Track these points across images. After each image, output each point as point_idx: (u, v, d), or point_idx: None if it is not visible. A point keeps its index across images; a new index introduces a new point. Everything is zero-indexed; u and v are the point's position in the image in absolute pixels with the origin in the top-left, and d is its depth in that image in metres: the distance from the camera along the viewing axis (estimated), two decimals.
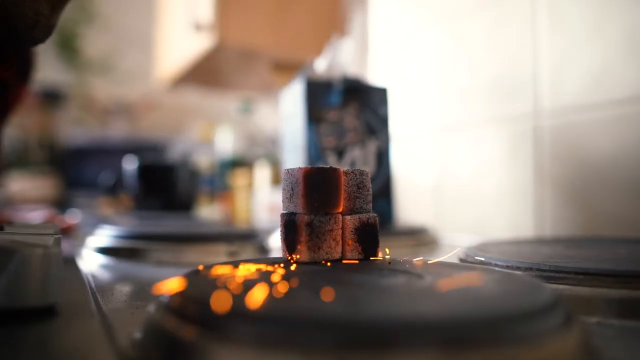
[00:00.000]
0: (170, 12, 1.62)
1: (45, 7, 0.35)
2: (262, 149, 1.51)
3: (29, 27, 0.34)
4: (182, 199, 0.99)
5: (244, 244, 0.53)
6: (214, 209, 1.32)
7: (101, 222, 0.80)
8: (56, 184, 1.86)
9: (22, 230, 0.36)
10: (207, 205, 1.34)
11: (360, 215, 0.32)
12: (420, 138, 0.90)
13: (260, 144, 1.53)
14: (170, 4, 1.62)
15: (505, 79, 0.75)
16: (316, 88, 0.62)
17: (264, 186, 1.17)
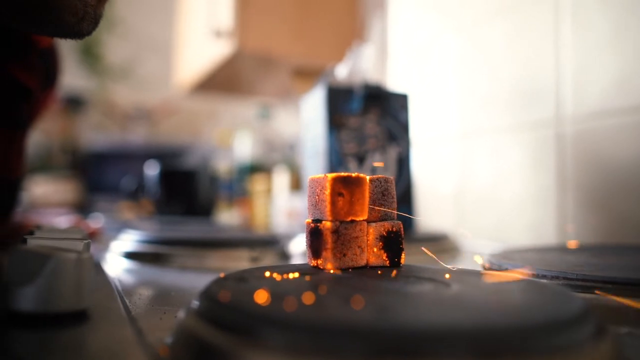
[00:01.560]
0: (190, 19, 1.64)
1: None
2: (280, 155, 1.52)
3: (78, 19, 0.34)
4: (202, 204, 1.00)
5: (266, 250, 0.53)
6: (233, 214, 1.33)
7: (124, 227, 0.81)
8: (78, 187, 1.89)
9: (51, 235, 0.37)
10: (225, 210, 1.35)
11: (384, 223, 0.32)
12: (441, 144, 0.90)
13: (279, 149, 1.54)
14: (190, 11, 1.64)
15: (527, 85, 0.75)
16: (337, 94, 0.63)
17: (283, 192, 1.17)
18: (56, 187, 1.85)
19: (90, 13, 0.35)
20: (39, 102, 0.57)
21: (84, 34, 0.36)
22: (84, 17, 0.34)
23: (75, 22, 0.34)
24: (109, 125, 2.29)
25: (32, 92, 0.52)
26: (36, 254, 0.25)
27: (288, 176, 1.19)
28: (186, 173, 1.00)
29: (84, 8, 0.34)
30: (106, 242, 0.61)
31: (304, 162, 0.70)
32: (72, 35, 0.35)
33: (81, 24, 0.34)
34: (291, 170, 1.22)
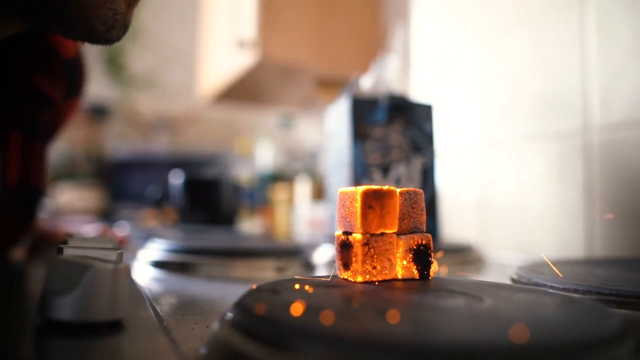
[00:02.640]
0: (213, 29, 1.66)
1: (122, 5, 0.36)
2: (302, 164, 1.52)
3: (108, 27, 0.35)
4: (225, 213, 1.01)
5: (291, 260, 0.53)
6: (255, 223, 1.34)
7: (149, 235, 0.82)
8: (101, 195, 1.92)
9: (84, 244, 0.37)
10: (247, 219, 1.36)
11: (414, 235, 0.32)
12: (464, 154, 0.89)
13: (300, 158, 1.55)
14: (214, 22, 1.66)
15: (552, 94, 0.74)
16: (362, 105, 0.63)
17: (305, 201, 1.18)
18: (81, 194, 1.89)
19: (120, 21, 0.36)
20: (61, 112, 0.58)
21: (113, 41, 0.37)
22: (114, 25, 0.35)
23: (106, 30, 0.35)
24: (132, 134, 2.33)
25: (54, 101, 0.53)
26: (75, 264, 0.26)
27: (310, 185, 1.19)
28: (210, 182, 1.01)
29: (114, 16, 0.35)
30: (133, 251, 0.62)
31: (328, 172, 0.71)
32: (102, 42, 0.36)
33: (111, 32, 0.35)
34: (313, 180, 1.22)
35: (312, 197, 1.19)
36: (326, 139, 0.72)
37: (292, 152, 1.55)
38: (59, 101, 0.54)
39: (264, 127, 2.14)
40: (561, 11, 0.72)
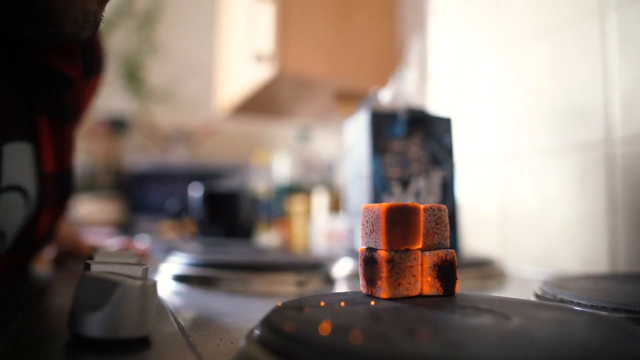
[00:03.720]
0: (231, 43, 1.68)
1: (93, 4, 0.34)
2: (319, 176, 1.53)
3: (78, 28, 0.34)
4: (243, 225, 1.02)
5: (311, 274, 0.53)
6: (272, 235, 1.34)
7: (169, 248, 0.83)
8: (120, 207, 1.95)
9: (109, 259, 0.38)
10: (265, 231, 1.37)
11: (438, 251, 0.32)
12: (484, 166, 0.89)
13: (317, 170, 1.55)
14: (231, 35, 1.68)
15: (573, 106, 0.73)
16: (381, 119, 0.63)
17: (322, 213, 1.18)
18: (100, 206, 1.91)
19: (90, 21, 0.34)
20: (83, 91, 0.57)
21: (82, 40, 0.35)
22: (84, 26, 0.34)
23: (75, 31, 0.34)
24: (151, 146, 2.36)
25: (74, 79, 0.52)
26: (104, 281, 0.26)
27: (327, 197, 1.19)
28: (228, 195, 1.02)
29: (85, 16, 0.33)
30: (154, 264, 0.63)
31: (347, 185, 0.71)
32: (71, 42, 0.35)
33: (81, 33, 0.34)
34: (330, 192, 1.23)
35: (329, 209, 1.19)
36: (345, 152, 0.72)
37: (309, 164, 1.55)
38: (78, 80, 0.53)
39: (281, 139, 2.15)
40: (582, 23, 0.72)
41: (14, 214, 0.48)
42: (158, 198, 2.12)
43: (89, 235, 1.02)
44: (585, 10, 0.71)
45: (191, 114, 2.35)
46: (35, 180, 0.50)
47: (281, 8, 1.25)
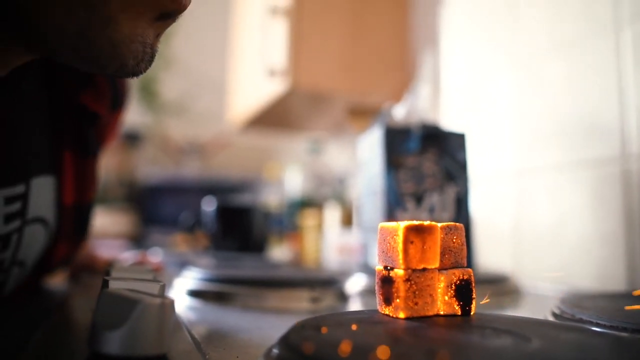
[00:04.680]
0: (244, 58, 1.70)
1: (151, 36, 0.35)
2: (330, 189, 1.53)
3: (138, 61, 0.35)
4: (256, 240, 1.02)
5: (325, 290, 0.53)
6: (284, 249, 1.34)
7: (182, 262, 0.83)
8: (133, 219, 1.96)
9: (126, 275, 0.38)
10: (276, 245, 1.37)
11: (455, 270, 0.32)
12: (498, 182, 0.88)
13: (329, 184, 1.55)
14: (244, 50, 1.70)
15: (588, 122, 0.73)
16: (395, 134, 0.63)
17: (334, 227, 1.18)
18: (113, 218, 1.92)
19: (148, 53, 0.35)
20: (108, 125, 0.59)
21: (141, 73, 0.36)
22: (143, 58, 0.35)
23: (136, 64, 0.35)
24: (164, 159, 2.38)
25: (101, 116, 0.54)
26: (124, 299, 0.26)
27: (339, 211, 1.19)
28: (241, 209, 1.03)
29: (144, 49, 0.34)
30: (168, 279, 0.63)
31: (360, 200, 0.71)
32: (131, 75, 0.36)
33: (140, 65, 0.35)
34: (342, 206, 1.22)
35: (341, 223, 1.19)
36: (358, 167, 0.72)
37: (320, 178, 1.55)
38: (105, 116, 0.55)
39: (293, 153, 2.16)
40: (597, 38, 0.72)
41: (36, 245, 0.50)
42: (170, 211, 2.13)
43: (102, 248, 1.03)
44: (600, 26, 0.71)
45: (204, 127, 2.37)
46: (55, 211, 0.51)
47: (294, 23, 1.26)
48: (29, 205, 0.46)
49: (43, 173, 0.49)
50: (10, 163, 0.44)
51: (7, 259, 0.46)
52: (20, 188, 0.45)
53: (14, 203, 0.45)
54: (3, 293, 0.49)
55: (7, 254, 0.45)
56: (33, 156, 0.47)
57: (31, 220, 0.47)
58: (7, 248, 0.45)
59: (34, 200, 0.47)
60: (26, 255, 0.49)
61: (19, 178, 0.45)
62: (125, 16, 0.32)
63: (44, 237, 0.51)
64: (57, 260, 0.56)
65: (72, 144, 0.52)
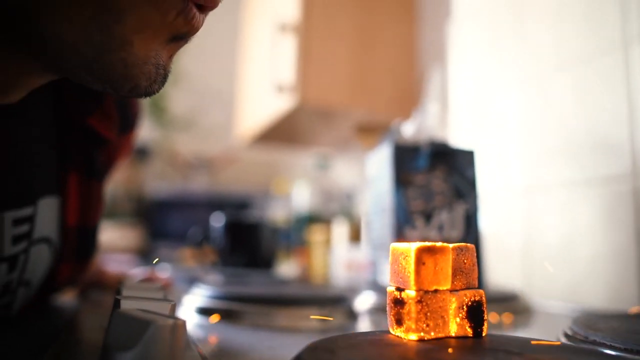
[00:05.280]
0: (252, 74, 1.71)
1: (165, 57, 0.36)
2: (338, 205, 1.53)
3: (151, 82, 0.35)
4: (264, 256, 1.02)
5: (334, 308, 0.53)
6: (291, 265, 1.34)
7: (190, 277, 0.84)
8: (141, 234, 1.97)
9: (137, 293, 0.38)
10: (284, 260, 1.36)
11: (467, 292, 0.32)
12: (506, 198, 0.88)
13: (336, 199, 1.55)
14: (253, 66, 1.72)
15: (598, 139, 0.73)
16: (403, 152, 0.63)
17: (342, 243, 1.17)
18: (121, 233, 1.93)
19: (161, 74, 0.36)
20: (116, 149, 0.60)
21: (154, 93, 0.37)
22: (156, 79, 0.35)
23: (148, 85, 0.35)
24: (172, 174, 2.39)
25: (109, 140, 0.54)
26: (136, 320, 0.26)
27: (347, 227, 1.19)
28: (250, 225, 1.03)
29: (157, 71, 0.35)
30: (177, 295, 0.63)
31: (369, 217, 0.71)
32: (144, 95, 0.36)
33: (153, 86, 0.35)
34: (350, 221, 1.22)
35: (349, 239, 1.19)
36: (367, 184, 0.72)
37: (328, 193, 1.55)
38: (113, 139, 0.55)
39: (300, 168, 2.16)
40: (605, 55, 0.72)
41: (41, 264, 0.50)
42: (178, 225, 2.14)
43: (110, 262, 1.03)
44: (608, 42, 0.72)
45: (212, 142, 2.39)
46: (58, 231, 0.52)
47: (303, 39, 1.27)
48: (36, 225, 0.47)
49: (49, 194, 0.49)
50: (19, 185, 0.45)
51: (15, 280, 0.46)
52: (29, 210, 0.46)
53: (23, 225, 0.45)
54: (10, 314, 0.49)
55: (14, 275, 0.46)
56: (40, 177, 0.48)
57: (37, 241, 0.48)
58: (14, 269, 0.45)
59: (40, 220, 0.48)
60: (32, 275, 0.49)
61: (27, 200, 0.46)
62: (140, 38, 0.33)
63: (49, 257, 0.51)
64: (61, 280, 0.56)
65: (78, 166, 0.52)
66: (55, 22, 0.31)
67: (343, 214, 1.41)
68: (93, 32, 0.31)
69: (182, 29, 0.34)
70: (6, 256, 0.44)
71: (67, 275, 0.56)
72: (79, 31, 0.31)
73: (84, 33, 0.31)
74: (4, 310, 0.47)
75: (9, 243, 0.44)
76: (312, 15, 1.29)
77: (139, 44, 0.33)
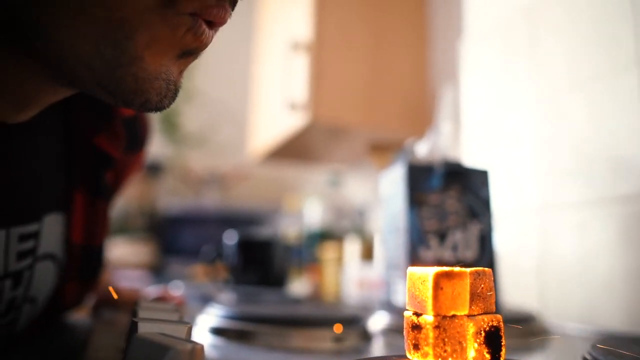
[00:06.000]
0: (265, 91, 1.73)
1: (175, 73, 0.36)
2: (350, 222, 1.52)
3: (161, 97, 0.35)
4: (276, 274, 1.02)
5: (349, 329, 0.53)
6: (303, 283, 1.34)
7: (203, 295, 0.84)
8: (153, 250, 1.97)
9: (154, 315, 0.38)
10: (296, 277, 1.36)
11: (485, 317, 0.32)
12: (520, 218, 0.87)
13: (348, 216, 1.55)
14: (265, 84, 1.73)
15: (613, 158, 0.72)
16: (417, 172, 0.63)
17: (354, 261, 1.17)
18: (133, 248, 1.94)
19: (172, 90, 0.36)
20: (123, 169, 0.60)
21: (165, 108, 0.37)
22: (166, 94, 0.36)
23: (159, 100, 0.35)
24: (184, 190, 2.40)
25: (115, 159, 0.55)
26: (155, 345, 0.26)
27: (359, 245, 1.19)
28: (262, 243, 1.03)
29: (167, 86, 0.35)
30: (191, 314, 0.63)
31: (383, 237, 0.71)
32: (154, 110, 0.36)
33: (163, 101, 0.36)
34: (362, 239, 1.22)
35: (361, 256, 1.18)
36: (381, 204, 0.72)
37: (340, 210, 1.55)
38: (120, 159, 0.56)
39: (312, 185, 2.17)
40: (619, 74, 0.72)
41: (46, 281, 0.50)
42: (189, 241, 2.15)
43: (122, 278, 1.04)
44: (623, 62, 0.71)
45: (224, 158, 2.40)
46: (63, 248, 0.52)
47: (315, 58, 1.29)
48: (41, 241, 0.47)
49: (54, 210, 0.50)
50: (25, 201, 0.45)
51: (19, 297, 0.46)
52: (34, 226, 0.46)
53: (28, 241, 0.46)
54: (15, 331, 0.49)
55: (19, 291, 0.46)
56: (46, 194, 0.48)
57: (42, 257, 0.48)
58: (19, 285, 0.46)
59: (46, 237, 0.48)
60: (38, 292, 0.49)
61: (33, 216, 0.46)
62: (150, 54, 0.33)
63: (54, 274, 0.51)
64: (68, 300, 0.56)
65: (84, 184, 0.53)
66: (70, 38, 0.32)
67: (355, 231, 1.41)
68: (105, 48, 0.32)
69: (191, 45, 0.35)
70: (11, 272, 0.44)
71: (74, 294, 0.56)
72: (92, 47, 0.32)
73: (96, 49, 0.32)
74: (8, 328, 0.47)
75: (14, 259, 0.44)
76: (324, 34, 1.31)
77: (150, 60, 0.33)
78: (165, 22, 0.33)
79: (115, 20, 0.31)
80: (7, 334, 0.48)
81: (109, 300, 0.70)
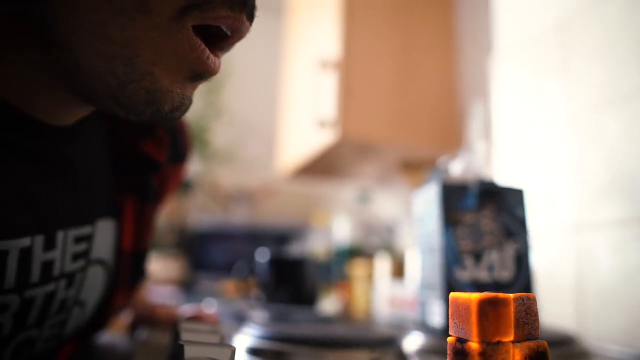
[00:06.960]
0: (293, 108, 1.74)
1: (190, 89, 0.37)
2: (379, 238, 1.52)
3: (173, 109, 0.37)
4: (308, 292, 1.02)
5: (385, 350, 0.53)
6: (333, 300, 1.33)
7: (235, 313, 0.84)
8: (183, 265, 2.00)
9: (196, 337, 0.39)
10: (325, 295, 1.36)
11: (530, 343, 0.31)
12: (557, 237, 0.86)
13: (377, 232, 1.54)
14: (294, 101, 1.75)
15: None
16: (452, 191, 0.63)
17: (385, 278, 1.16)
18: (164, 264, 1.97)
19: (185, 104, 0.37)
20: (168, 176, 0.62)
21: (175, 120, 0.38)
22: (179, 107, 0.37)
23: (170, 110, 0.37)
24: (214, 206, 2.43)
25: (161, 164, 0.56)
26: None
27: (389, 262, 1.18)
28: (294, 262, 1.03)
29: (182, 100, 0.37)
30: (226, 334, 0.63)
31: (418, 257, 0.70)
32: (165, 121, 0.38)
33: (174, 113, 0.37)
34: (392, 256, 1.21)
35: (391, 274, 1.18)
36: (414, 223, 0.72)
37: (369, 227, 1.55)
38: (165, 164, 0.57)
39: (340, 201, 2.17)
40: None
41: (96, 286, 0.52)
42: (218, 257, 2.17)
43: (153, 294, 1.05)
44: None
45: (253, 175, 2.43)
46: (114, 255, 0.53)
47: (344, 75, 1.30)
48: (93, 246, 0.49)
49: (106, 216, 0.51)
50: (80, 204, 0.47)
51: (71, 298, 0.48)
52: (88, 229, 0.48)
53: (82, 243, 0.47)
54: (64, 334, 0.50)
55: (71, 292, 0.47)
56: (98, 199, 0.50)
57: (94, 262, 0.50)
58: (71, 286, 0.47)
59: (98, 242, 0.49)
60: (87, 296, 0.51)
61: (87, 219, 0.48)
62: (159, 69, 0.35)
63: (104, 280, 0.53)
64: (117, 306, 0.58)
65: (133, 190, 0.54)
66: (88, 55, 0.34)
67: (384, 248, 1.40)
68: (117, 65, 0.34)
69: (196, 70, 0.36)
70: (66, 272, 0.46)
71: (122, 301, 0.58)
72: (106, 64, 0.34)
73: (109, 66, 0.34)
74: (58, 328, 0.48)
75: (70, 260, 0.46)
76: (352, 52, 1.32)
77: (161, 74, 0.35)
78: (168, 39, 0.34)
79: (125, 38, 0.33)
80: (56, 335, 0.49)
81: (147, 319, 0.72)
